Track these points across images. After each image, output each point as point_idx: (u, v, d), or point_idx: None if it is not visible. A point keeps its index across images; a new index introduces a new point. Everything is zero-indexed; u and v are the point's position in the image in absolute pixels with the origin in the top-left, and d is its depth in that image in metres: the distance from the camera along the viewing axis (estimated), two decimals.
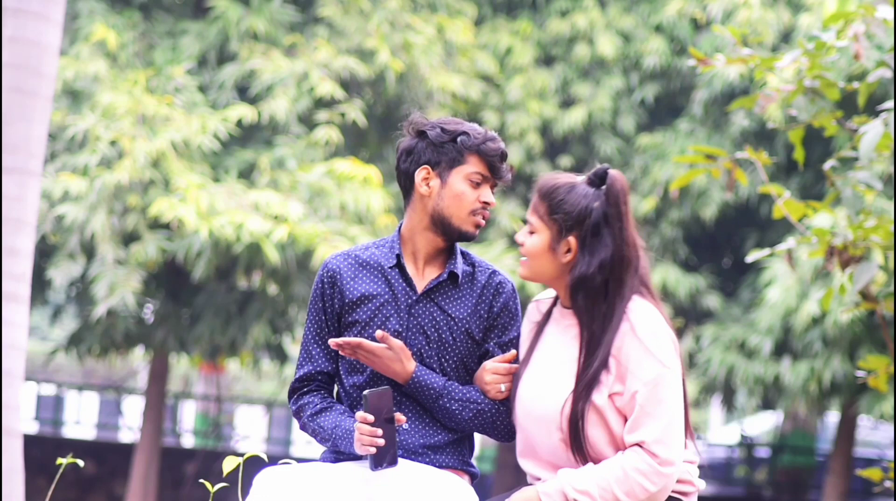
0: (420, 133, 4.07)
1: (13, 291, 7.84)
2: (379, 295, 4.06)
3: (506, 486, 17.77)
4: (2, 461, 7.69)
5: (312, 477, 3.89)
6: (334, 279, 4.10)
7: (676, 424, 3.83)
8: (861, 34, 6.33)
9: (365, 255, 4.13)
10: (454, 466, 4.09)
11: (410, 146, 4.08)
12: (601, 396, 3.84)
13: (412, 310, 4.05)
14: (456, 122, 4.08)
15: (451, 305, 4.07)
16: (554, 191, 3.92)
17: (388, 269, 4.08)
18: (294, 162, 13.81)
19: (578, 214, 3.88)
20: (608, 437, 3.85)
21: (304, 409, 4.12)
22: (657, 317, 3.89)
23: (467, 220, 4.05)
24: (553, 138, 16.16)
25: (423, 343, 4.04)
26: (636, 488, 3.79)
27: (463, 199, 4.03)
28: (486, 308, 4.08)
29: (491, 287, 4.10)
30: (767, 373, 14.53)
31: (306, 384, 4.15)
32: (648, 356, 3.82)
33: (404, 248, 4.11)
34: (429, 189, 4.05)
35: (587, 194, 3.90)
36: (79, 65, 13.82)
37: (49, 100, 8.00)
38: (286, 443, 24.24)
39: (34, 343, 28.95)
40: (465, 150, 4.04)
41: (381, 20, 14.48)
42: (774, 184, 7.01)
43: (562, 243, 3.91)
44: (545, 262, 3.95)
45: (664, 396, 3.82)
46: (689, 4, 15.63)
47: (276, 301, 14.22)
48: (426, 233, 4.08)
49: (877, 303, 6.88)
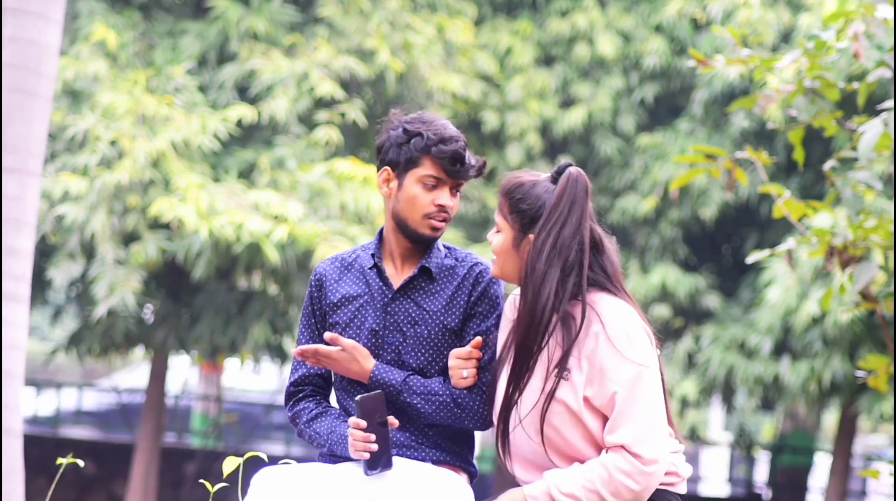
0: (388, 132, 4.07)
1: (13, 291, 7.84)
2: (359, 296, 4.08)
3: (506, 486, 17.77)
4: (2, 461, 7.69)
5: (311, 477, 3.90)
6: (321, 283, 4.13)
7: (658, 421, 3.83)
8: (861, 34, 6.34)
9: (350, 258, 4.15)
10: (453, 463, 4.09)
11: (380, 144, 4.09)
12: (574, 398, 3.83)
13: (388, 308, 4.06)
14: (422, 120, 4.05)
15: (425, 299, 4.06)
16: (515, 189, 3.92)
17: (367, 270, 4.10)
18: (294, 162, 13.81)
19: (535, 212, 3.88)
20: (586, 436, 3.85)
21: (300, 415, 4.14)
22: (627, 313, 3.87)
23: (422, 223, 4.02)
24: (553, 138, 16.16)
25: (400, 340, 4.04)
26: (621, 488, 3.79)
27: (416, 202, 4.01)
28: (465, 298, 4.06)
29: (470, 278, 4.08)
30: (767, 373, 14.53)
31: (301, 388, 4.17)
32: (622, 357, 3.81)
33: (384, 248, 4.12)
34: (388, 190, 4.06)
35: (545, 191, 3.89)
36: (79, 65, 13.82)
37: (49, 100, 8.00)
38: (286, 443, 24.23)
39: (34, 343, 28.95)
40: (417, 152, 4.00)
41: (381, 20, 14.48)
42: (774, 184, 7.02)
43: (522, 241, 3.90)
44: (511, 260, 3.94)
45: (643, 394, 3.81)
46: (689, 4, 15.63)
47: (276, 301, 14.22)
48: (394, 233, 4.09)
49: (877, 303, 6.88)
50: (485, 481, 20.50)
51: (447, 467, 4.07)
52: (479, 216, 15.74)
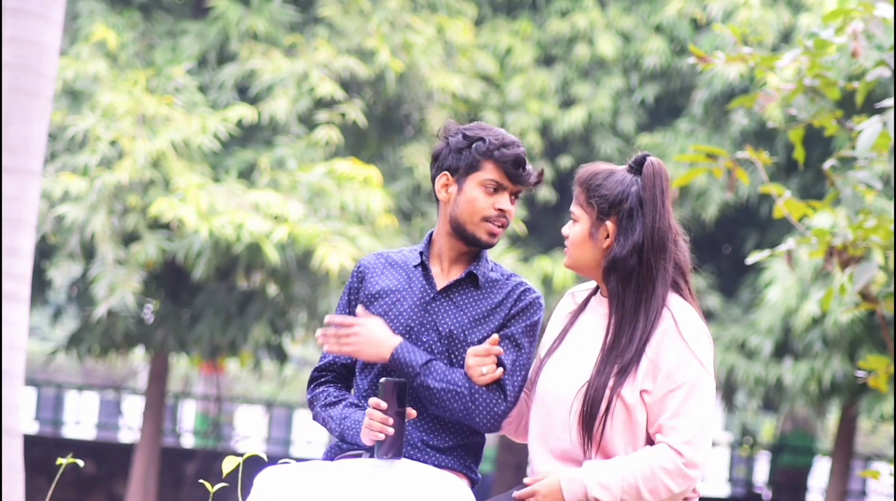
0: (446, 139, 4.12)
1: (13, 291, 7.84)
2: (397, 291, 4.12)
3: (506, 486, 17.77)
4: (2, 461, 7.69)
5: (312, 477, 3.90)
6: (363, 274, 4.18)
7: (707, 429, 3.84)
8: (860, 33, 6.33)
9: (396, 256, 4.20)
10: (455, 468, 4.10)
11: (437, 152, 4.14)
12: (633, 391, 3.84)
13: (428, 307, 4.09)
14: (481, 127, 4.09)
15: (466, 304, 4.09)
16: (592, 178, 3.96)
17: (412, 268, 4.14)
18: (294, 162, 13.81)
19: (615, 198, 3.91)
20: (629, 430, 3.85)
21: (317, 398, 4.18)
22: (699, 320, 3.91)
23: (480, 226, 4.06)
24: (553, 138, 16.15)
25: (435, 339, 4.06)
26: (660, 487, 3.80)
27: (476, 205, 4.05)
28: (506, 312, 4.09)
29: (513, 295, 4.11)
30: (768, 374, 14.52)
31: (324, 373, 4.21)
32: (691, 358, 3.83)
33: (432, 250, 4.16)
34: (447, 195, 4.09)
35: (624, 180, 3.94)
36: (79, 65, 13.81)
37: (49, 100, 8.00)
38: (286, 443, 24.24)
39: (34, 343, 28.95)
40: (479, 156, 4.05)
41: (381, 20, 14.47)
42: (775, 184, 7.02)
43: (600, 228, 3.93)
44: (586, 249, 3.96)
45: (700, 399, 3.83)
46: (689, 4, 15.63)
47: (276, 301, 14.22)
48: (448, 238, 4.12)
49: (877, 303, 6.88)
50: (485, 481, 20.50)
51: (449, 472, 4.07)
52: None
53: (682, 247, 3.96)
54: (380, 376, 4.09)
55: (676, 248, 3.94)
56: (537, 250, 15.65)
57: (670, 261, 3.92)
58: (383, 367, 4.09)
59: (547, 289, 14.87)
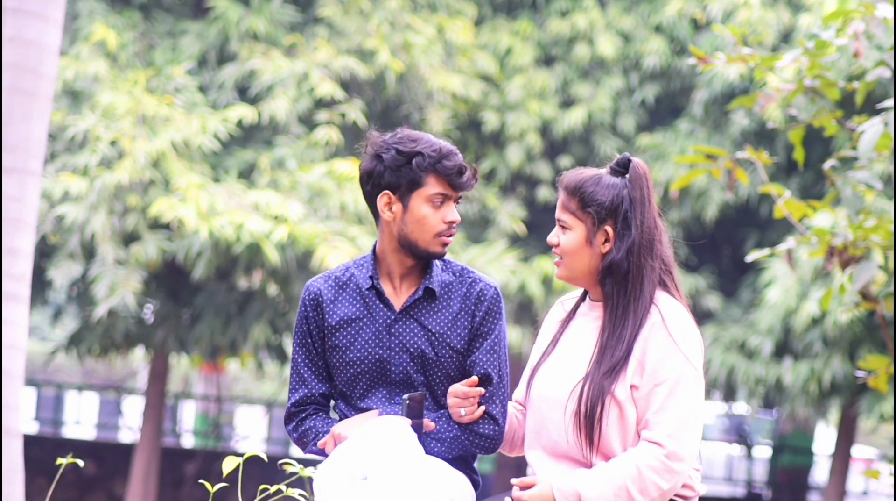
0: (377, 156, 4.01)
1: (13, 291, 7.84)
2: (358, 318, 4.05)
3: (506, 486, 17.76)
4: (2, 461, 7.69)
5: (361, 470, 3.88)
6: (317, 302, 4.08)
7: (692, 424, 3.83)
8: (860, 33, 6.34)
9: (345, 277, 4.10)
10: (460, 469, 4.10)
11: (370, 169, 4.02)
12: (623, 388, 3.84)
13: (392, 330, 4.04)
14: (411, 139, 4.00)
15: (430, 320, 4.04)
16: (582, 185, 3.95)
17: (365, 291, 4.06)
18: (294, 162, 13.81)
19: (611, 203, 3.92)
20: (621, 427, 3.85)
21: (307, 435, 4.11)
22: (687, 315, 3.92)
23: (433, 242, 4.01)
24: (553, 139, 16.15)
25: (408, 361, 4.03)
26: (650, 486, 3.80)
27: (427, 223, 3.99)
28: (469, 319, 4.05)
29: (472, 297, 4.06)
30: (768, 374, 14.52)
31: (303, 408, 4.13)
32: (676, 353, 3.85)
33: (379, 268, 4.08)
34: (392, 214, 4.01)
35: (615, 184, 3.95)
36: (79, 65, 13.82)
37: (49, 100, 8.00)
38: (286, 443, 24.23)
39: (34, 343, 28.95)
40: (421, 171, 3.97)
41: (381, 20, 14.48)
42: (775, 184, 7.01)
43: (598, 234, 3.93)
44: (583, 257, 3.95)
45: (685, 394, 3.84)
46: (689, 4, 15.63)
47: (276, 301, 14.22)
48: (396, 254, 4.04)
49: (877, 303, 6.88)
50: (485, 481, 20.51)
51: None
52: (479, 216, 15.74)
53: (667, 244, 3.99)
54: (388, 397, 4.06)
55: (662, 245, 3.97)
56: (537, 250, 15.64)
57: (657, 259, 3.94)
58: (388, 389, 4.06)
59: (547, 289, 14.87)
